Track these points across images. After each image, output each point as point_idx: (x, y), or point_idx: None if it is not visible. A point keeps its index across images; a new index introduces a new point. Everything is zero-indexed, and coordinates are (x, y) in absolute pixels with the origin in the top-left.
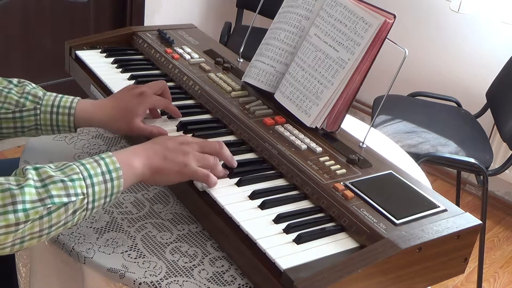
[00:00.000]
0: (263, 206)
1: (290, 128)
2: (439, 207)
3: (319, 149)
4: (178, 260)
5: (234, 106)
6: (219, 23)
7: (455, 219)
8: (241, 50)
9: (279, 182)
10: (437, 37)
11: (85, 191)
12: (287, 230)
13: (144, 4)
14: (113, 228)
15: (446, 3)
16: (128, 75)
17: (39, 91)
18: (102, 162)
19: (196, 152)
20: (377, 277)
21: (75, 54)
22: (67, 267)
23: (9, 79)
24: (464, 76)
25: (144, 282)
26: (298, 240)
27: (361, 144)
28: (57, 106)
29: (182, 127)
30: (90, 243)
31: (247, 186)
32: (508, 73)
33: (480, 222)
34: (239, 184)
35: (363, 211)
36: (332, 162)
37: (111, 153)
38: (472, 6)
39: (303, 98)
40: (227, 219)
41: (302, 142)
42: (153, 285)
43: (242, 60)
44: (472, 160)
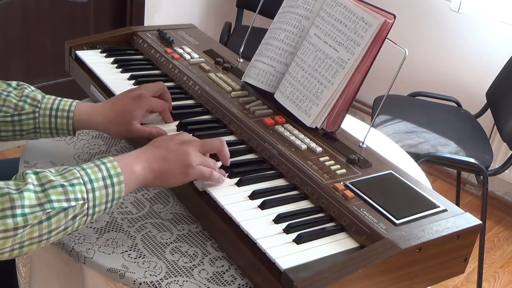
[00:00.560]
0: (263, 206)
1: (290, 128)
2: (439, 207)
3: (319, 149)
4: (178, 260)
5: (234, 106)
6: (219, 23)
7: (455, 219)
8: (241, 50)
9: (279, 182)
10: (437, 37)
11: (85, 196)
12: (287, 230)
13: (144, 4)
14: (113, 228)
15: (446, 3)
16: (128, 75)
17: (38, 94)
18: (103, 167)
19: (198, 153)
20: (377, 277)
21: (75, 54)
22: (67, 267)
23: (8, 82)
24: (464, 76)
25: (144, 282)
26: (298, 240)
27: (361, 144)
28: (55, 110)
29: (182, 127)
30: (90, 243)
31: (247, 186)
32: (508, 73)
33: (480, 222)
34: (239, 184)
35: (363, 211)
36: (332, 162)
37: (112, 157)
38: (472, 6)
39: (303, 98)
40: (227, 219)
41: (302, 142)
42: (153, 285)
43: (242, 60)
44: (472, 160)
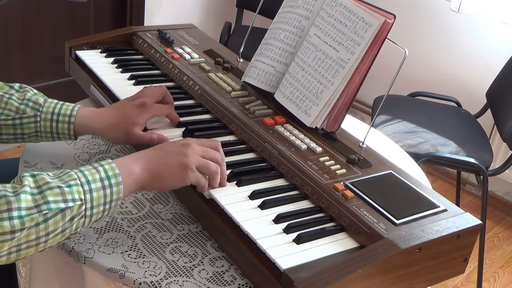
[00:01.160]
0: (263, 206)
1: (290, 128)
2: (439, 207)
3: (319, 149)
4: (178, 260)
5: (234, 106)
6: (219, 23)
7: (455, 219)
8: (241, 50)
9: (279, 182)
10: (437, 37)
11: (82, 197)
12: (287, 230)
13: (144, 4)
14: (113, 228)
15: (446, 3)
16: (128, 75)
17: (40, 98)
18: (101, 169)
19: (198, 156)
20: (377, 277)
21: (75, 54)
22: (67, 267)
23: (10, 84)
24: (464, 76)
25: (144, 282)
26: (298, 240)
27: (361, 144)
28: (57, 114)
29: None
30: (90, 243)
31: (247, 186)
32: (508, 73)
33: (480, 222)
34: (239, 184)
35: (363, 211)
36: (332, 162)
37: (110, 160)
38: (472, 6)
39: (303, 98)
40: (227, 219)
41: (302, 142)
42: (153, 285)
43: (242, 60)
44: (472, 160)
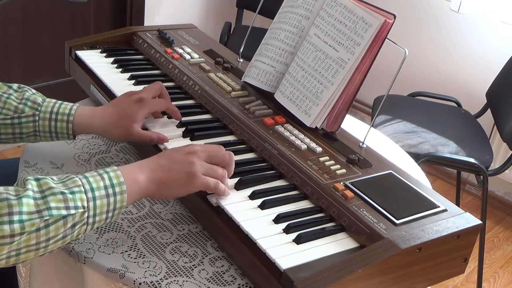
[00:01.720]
0: (263, 206)
1: (290, 128)
2: (439, 207)
3: (319, 149)
4: (178, 260)
5: (234, 106)
6: (219, 23)
7: (455, 219)
8: (241, 50)
9: (279, 182)
10: (437, 37)
11: (85, 205)
12: (287, 230)
13: (144, 4)
14: (113, 228)
15: (446, 3)
16: (128, 75)
17: (39, 97)
18: (106, 176)
19: (204, 162)
20: (377, 277)
21: (75, 54)
22: (67, 267)
23: (9, 84)
24: (464, 76)
25: (144, 282)
26: (298, 240)
27: (361, 144)
28: (55, 113)
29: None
30: (90, 243)
31: (247, 186)
32: (508, 73)
33: (480, 222)
34: (239, 184)
35: (363, 211)
36: (332, 162)
37: (116, 167)
38: (472, 6)
39: (303, 98)
40: (227, 219)
41: (302, 142)
42: (153, 285)
43: (242, 60)
44: (472, 160)
